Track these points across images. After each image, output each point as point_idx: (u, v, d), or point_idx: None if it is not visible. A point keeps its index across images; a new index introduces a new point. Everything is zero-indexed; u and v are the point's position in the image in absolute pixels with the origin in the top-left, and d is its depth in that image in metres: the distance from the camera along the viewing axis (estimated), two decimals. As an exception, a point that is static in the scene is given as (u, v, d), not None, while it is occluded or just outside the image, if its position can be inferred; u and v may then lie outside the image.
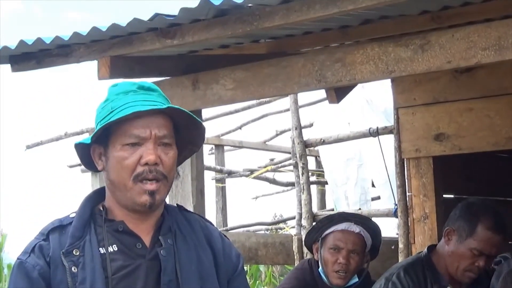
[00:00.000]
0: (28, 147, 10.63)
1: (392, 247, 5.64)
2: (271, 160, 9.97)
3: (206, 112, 8.43)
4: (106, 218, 2.38)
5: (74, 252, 2.32)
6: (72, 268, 2.30)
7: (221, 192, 9.92)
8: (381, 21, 4.15)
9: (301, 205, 6.38)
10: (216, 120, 9.64)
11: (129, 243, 2.35)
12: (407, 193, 5.35)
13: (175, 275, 2.34)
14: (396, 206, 5.52)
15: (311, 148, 7.65)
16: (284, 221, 10.76)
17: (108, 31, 3.74)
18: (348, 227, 4.09)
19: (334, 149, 7.77)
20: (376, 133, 6.02)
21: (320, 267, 4.13)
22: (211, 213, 9.64)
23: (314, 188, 9.29)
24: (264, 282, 12.09)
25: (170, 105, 2.35)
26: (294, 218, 6.81)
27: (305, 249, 5.63)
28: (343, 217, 4.17)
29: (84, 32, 3.76)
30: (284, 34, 4.37)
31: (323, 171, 8.77)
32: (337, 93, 4.89)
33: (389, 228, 7.10)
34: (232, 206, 10.42)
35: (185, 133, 2.44)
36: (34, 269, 2.30)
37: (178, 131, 2.42)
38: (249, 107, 9.31)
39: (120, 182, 2.34)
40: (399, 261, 4.81)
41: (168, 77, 4.30)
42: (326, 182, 8.74)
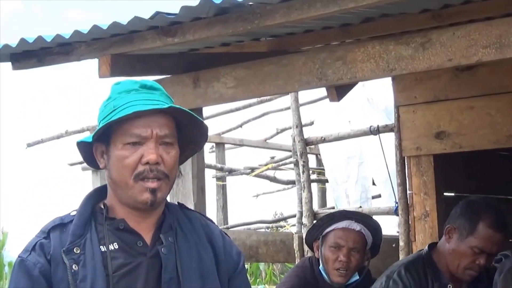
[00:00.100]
0: (29, 145, 10.62)
1: (393, 245, 5.64)
2: (272, 158, 9.96)
3: (207, 110, 8.42)
4: (107, 216, 2.38)
5: (75, 250, 2.32)
6: (73, 266, 2.29)
7: (222, 190, 9.92)
8: (382, 19, 4.15)
9: (302, 203, 6.39)
10: (217, 118, 9.64)
11: (130, 241, 2.35)
12: (408, 191, 5.36)
13: (176, 273, 2.34)
14: (397, 204, 5.53)
15: (312, 146, 7.66)
16: (285, 219, 10.75)
17: (109, 29, 3.74)
18: (349, 225, 4.09)
19: (335, 147, 7.78)
20: (377, 131, 6.02)
21: (321, 265, 4.13)
22: (212, 211, 9.65)
23: (315, 186, 9.29)
24: (265, 280, 12.09)
25: (171, 105, 2.35)
26: (295, 216, 6.80)
27: (306, 247, 5.63)
28: (344, 215, 4.17)
29: (85, 30, 3.75)
30: (285, 32, 4.37)
31: (324, 169, 8.77)
32: (338, 91, 4.89)
33: (390, 226, 7.10)
34: (233, 204, 10.43)
35: (187, 132, 2.43)
36: (35, 267, 2.30)
37: (181, 130, 2.42)
38: (250, 105, 9.30)
39: (122, 181, 2.34)
40: (400, 259, 4.81)
41: (169, 75, 4.30)
42: (327, 180, 8.74)
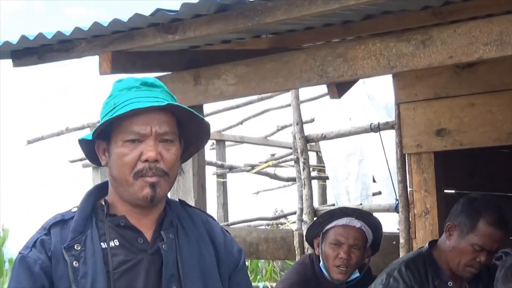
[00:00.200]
0: (29, 142, 10.61)
1: (393, 242, 5.63)
2: (272, 155, 9.96)
3: (208, 107, 8.41)
4: (108, 213, 2.38)
5: (76, 247, 2.32)
6: (74, 263, 2.30)
7: (222, 187, 9.91)
8: (383, 17, 4.14)
9: (302, 200, 6.38)
10: (217, 115, 9.63)
11: (131, 238, 2.35)
12: (408, 189, 5.35)
13: (177, 270, 2.34)
14: (397, 201, 5.52)
15: (312, 143, 7.65)
16: (285, 216, 10.75)
17: (110, 26, 3.74)
18: (349, 222, 4.09)
19: (335, 145, 7.77)
20: (377, 129, 6.01)
21: (321, 262, 4.13)
22: (212, 208, 9.65)
23: (315, 183, 9.28)
24: (265, 277, 12.08)
25: (170, 102, 2.34)
26: (295, 213, 6.80)
27: (306, 244, 5.63)
28: (344, 212, 4.18)
29: (86, 27, 3.75)
30: (286, 30, 4.36)
31: (324, 166, 8.76)
32: (339, 89, 4.89)
33: (390, 223, 7.10)
34: (233, 201, 10.43)
35: (189, 130, 2.43)
36: (36, 264, 2.31)
37: (182, 128, 2.42)
38: (250, 102, 9.30)
39: (122, 178, 2.34)
40: (400, 256, 4.81)
41: (170, 72, 4.30)
42: (327, 177, 8.73)
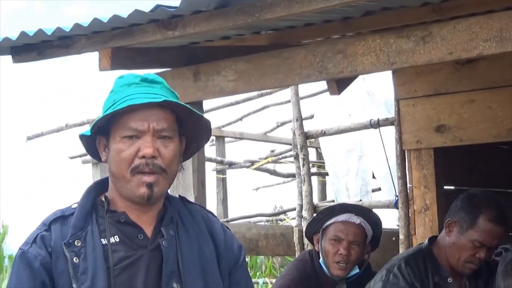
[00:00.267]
0: (29, 138, 10.61)
1: (393, 239, 5.64)
2: (272, 152, 9.95)
3: (207, 104, 8.41)
4: (108, 209, 2.38)
5: (76, 243, 2.32)
6: (74, 259, 2.30)
7: (222, 183, 9.91)
8: (383, 13, 4.14)
9: (302, 197, 6.39)
10: (217, 112, 9.63)
11: (131, 234, 2.35)
12: (408, 185, 5.36)
13: (177, 266, 2.34)
14: (397, 198, 5.53)
15: (312, 140, 7.66)
16: (285, 212, 10.76)
17: (109, 23, 3.73)
18: (349, 218, 4.09)
19: (335, 141, 7.78)
20: (377, 125, 6.02)
21: (321, 258, 4.13)
22: (212, 204, 9.65)
23: (315, 180, 9.29)
24: (265, 273, 12.08)
25: (166, 98, 2.33)
26: (295, 210, 6.80)
27: (306, 240, 5.64)
28: (344, 208, 4.18)
29: (85, 24, 3.75)
30: (286, 26, 4.36)
31: (324, 163, 8.77)
32: (338, 85, 4.89)
33: (390, 220, 7.11)
34: (233, 197, 10.43)
35: (189, 127, 2.43)
36: (36, 260, 2.31)
37: (183, 125, 2.41)
38: (250, 99, 9.29)
39: (119, 174, 2.34)
40: (400, 253, 4.81)
41: (170, 69, 4.30)
42: (327, 174, 8.74)
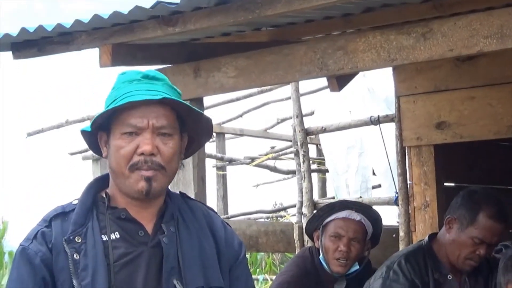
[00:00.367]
0: (29, 135, 10.61)
1: (393, 235, 5.64)
2: (272, 148, 9.96)
3: (208, 100, 8.40)
4: (109, 205, 2.38)
5: (76, 239, 2.32)
6: (74, 255, 2.30)
7: (222, 180, 9.91)
8: (383, 9, 4.14)
9: (302, 193, 6.38)
10: (217, 108, 9.63)
11: (132, 231, 2.35)
12: (408, 181, 5.35)
13: (177, 263, 2.34)
14: (397, 194, 5.52)
15: (312, 136, 7.65)
16: (285, 209, 10.76)
17: (110, 19, 3.73)
18: (349, 215, 4.09)
19: (335, 137, 7.76)
20: (377, 121, 6.01)
21: (321, 255, 4.13)
22: (212, 201, 9.64)
23: (315, 176, 9.29)
24: (265, 270, 12.10)
25: (165, 96, 2.32)
26: (295, 206, 6.80)
27: (306, 237, 5.64)
28: (344, 205, 4.18)
29: (86, 20, 3.75)
30: (286, 22, 4.36)
31: (324, 159, 8.76)
32: (339, 81, 4.90)
33: (390, 216, 7.10)
34: (233, 194, 10.43)
35: (190, 124, 2.43)
36: (36, 256, 2.31)
37: (184, 123, 2.41)
38: (250, 95, 9.29)
39: (119, 170, 2.34)
40: (400, 249, 4.82)
41: (170, 65, 4.30)
42: (327, 170, 8.73)
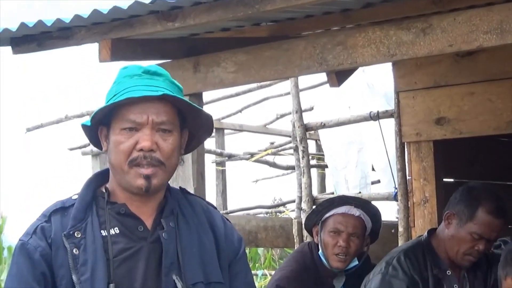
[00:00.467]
0: (28, 130, 10.61)
1: (392, 231, 5.64)
2: (272, 144, 9.95)
3: (207, 95, 8.41)
4: (108, 201, 2.38)
5: (76, 234, 2.32)
6: (74, 250, 2.30)
7: (221, 175, 9.91)
8: (383, 5, 4.13)
9: (301, 189, 6.38)
10: (217, 103, 9.62)
11: (131, 226, 2.35)
12: (407, 177, 5.35)
13: (177, 258, 2.34)
14: (396, 190, 5.52)
15: (312, 132, 7.65)
16: (284, 205, 10.77)
17: (109, 14, 3.73)
18: (348, 211, 4.10)
19: (335, 133, 7.76)
20: (377, 117, 6.01)
21: (320, 250, 4.14)
22: (211, 196, 9.64)
23: (314, 172, 9.29)
24: (264, 265, 12.10)
25: (165, 92, 2.32)
26: (294, 202, 6.80)
27: (305, 232, 5.63)
28: (343, 201, 4.18)
29: (85, 15, 3.75)
30: (286, 17, 4.36)
31: (323, 155, 8.76)
32: (338, 77, 4.89)
33: (389, 212, 7.10)
34: (232, 189, 10.42)
35: (190, 121, 2.42)
36: (36, 251, 2.31)
37: (185, 119, 2.41)
38: (250, 91, 9.28)
39: (118, 166, 2.34)
40: (399, 245, 4.82)
41: (170, 60, 4.29)
42: (326, 166, 8.73)
